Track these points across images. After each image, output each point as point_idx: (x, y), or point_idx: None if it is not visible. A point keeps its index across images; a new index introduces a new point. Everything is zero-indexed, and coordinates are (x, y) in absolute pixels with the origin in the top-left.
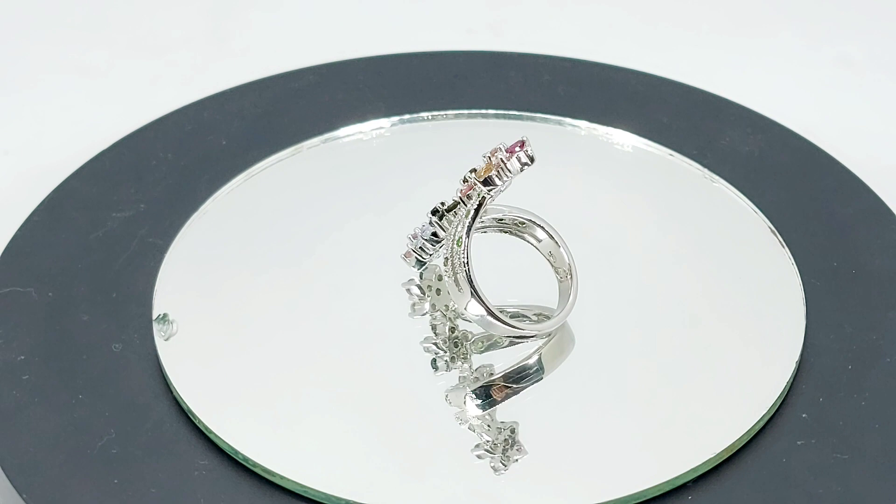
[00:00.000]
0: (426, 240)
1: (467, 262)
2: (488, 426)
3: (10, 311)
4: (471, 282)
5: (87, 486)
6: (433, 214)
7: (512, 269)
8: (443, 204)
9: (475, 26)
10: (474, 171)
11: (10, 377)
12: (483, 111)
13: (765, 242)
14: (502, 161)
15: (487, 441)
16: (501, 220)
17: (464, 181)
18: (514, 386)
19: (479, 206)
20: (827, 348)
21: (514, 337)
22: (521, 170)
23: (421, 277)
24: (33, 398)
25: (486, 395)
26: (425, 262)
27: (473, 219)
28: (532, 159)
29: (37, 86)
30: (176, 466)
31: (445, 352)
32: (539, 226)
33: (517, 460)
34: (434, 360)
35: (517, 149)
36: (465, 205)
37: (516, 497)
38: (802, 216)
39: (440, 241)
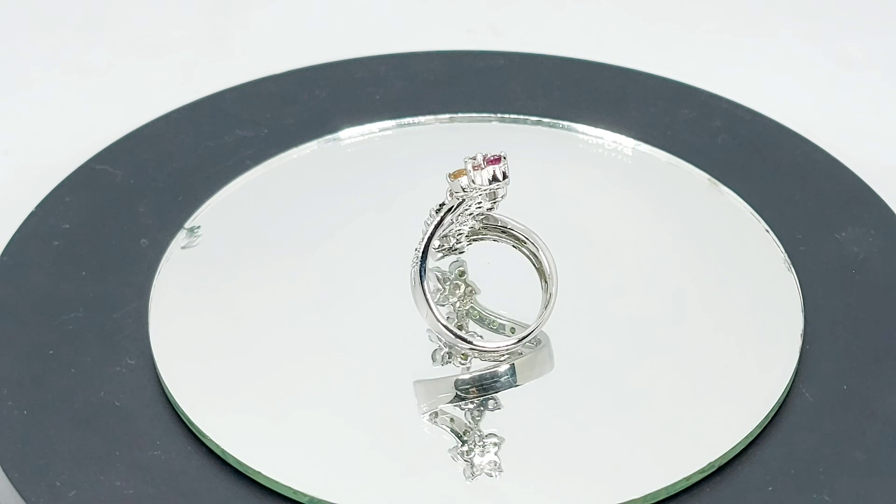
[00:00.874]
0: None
1: (419, 261)
2: (464, 431)
3: (88, 185)
4: (420, 281)
5: (20, 344)
6: (440, 206)
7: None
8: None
9: (475, 26)
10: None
11: (43, 239)
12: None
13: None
14: (472, 170)
15: (462, 445)
16: (505, 230)
17: None
18: (482, 392)
19: (450, 209)
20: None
21: (462, 347)
22: (491, 183)
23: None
24: (44, 262)
25: (451, 393)
26: (452, 252)
27: (442, 219)
28: (505, 175)
29: (37, 86)
30: (103, 360)
31: (445, 347)
32: (529, 239)
33: (492, 476)
34: (434, 352)
35: (492, 163)
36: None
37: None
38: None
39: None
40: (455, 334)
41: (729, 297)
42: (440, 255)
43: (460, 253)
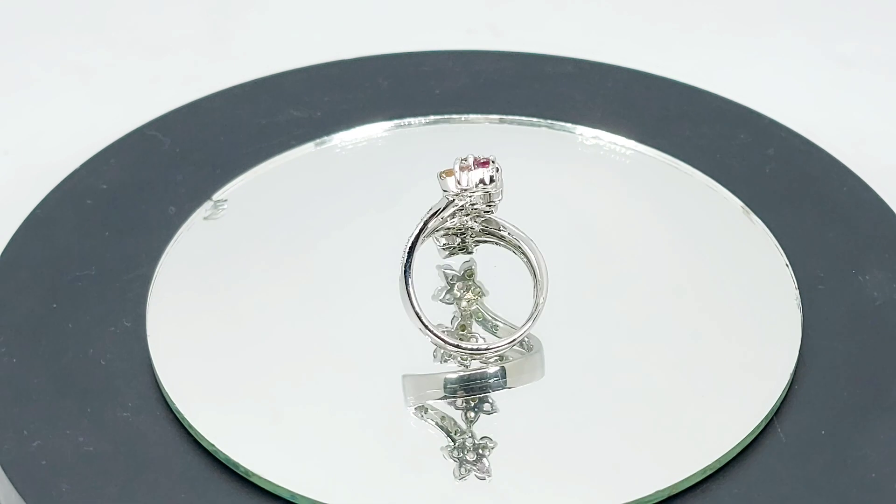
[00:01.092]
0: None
1: (405, 258)
2: (456, 433)
3: (135, 149)
4: (405, 278)
5: (29, 296)
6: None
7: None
8: None
9: (475, 26)
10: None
11: (78, 197)
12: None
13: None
14: (459, 171)
15: (453, 446)
16: (501, 235)
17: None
18: (469, 392)
19: (436, 212)
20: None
21: (443, 347)
22: (478, 186)
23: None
24: (73, 219)
25: (439, 389)
26: (459, 252)
27: (428, 220)
28: (492, 179)
29: (37, 86)
30: (101, 320)
31: None
32: (523, 245)
33: (482, 479)
34: (435, 350)
35: (481, 166)
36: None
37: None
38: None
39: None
40: (435, 333)
41: (729, 327)
42: (447, 253)
43: (468, 253)
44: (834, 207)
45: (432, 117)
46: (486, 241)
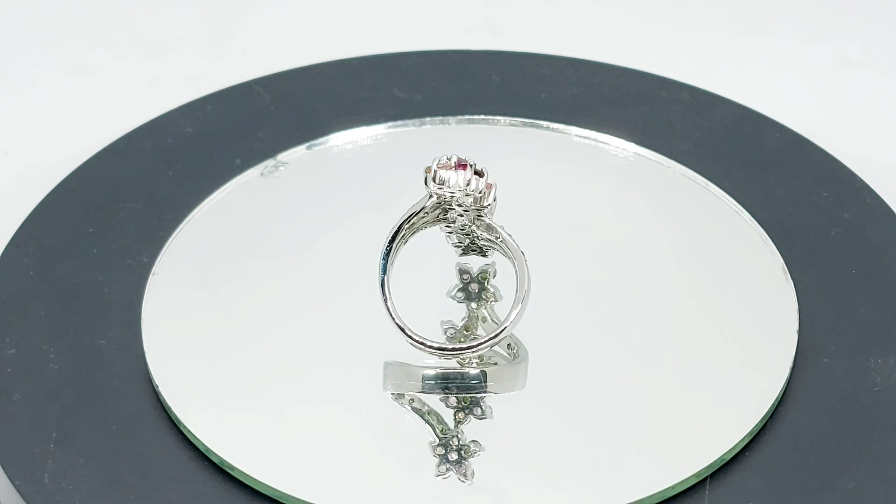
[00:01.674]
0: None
1: (385, 256)
2: (441, 429)
3: (234, 100)
4: (381, 272)
5: (72, 217)
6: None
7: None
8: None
9: (475, 26)
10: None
11: (161, 136)
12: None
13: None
14: (436, 168)
15: (437, 441)
16: (496, 242)
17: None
18: (446, 390)
19: (411, 216)
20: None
21: (410, 343)
22: (454, 187)
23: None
24: (148, 154)
25: (417, 381)
26: (472, 252)
27: (410, 216)
28: (468, 182)
29: (37, 86)
30: (124, 251)
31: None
32: (512, 256)
33: (462, 481)
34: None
35: (460, 167)
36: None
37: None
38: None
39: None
40: (402, 328)
41: (711, 377)
42: (459, 251)
43: (483, 255)
44: (885, 285)
45: (518, 119)
46: (488, 246)
